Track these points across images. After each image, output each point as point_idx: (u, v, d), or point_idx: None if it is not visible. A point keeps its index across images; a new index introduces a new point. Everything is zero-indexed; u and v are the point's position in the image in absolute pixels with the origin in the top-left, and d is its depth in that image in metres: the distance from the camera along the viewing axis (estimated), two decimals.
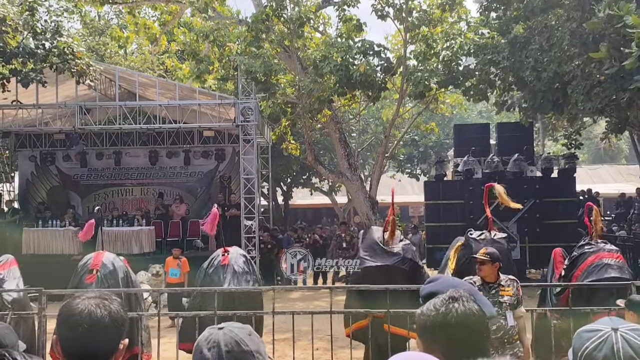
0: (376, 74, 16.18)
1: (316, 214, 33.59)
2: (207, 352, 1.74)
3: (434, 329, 1.96)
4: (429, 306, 2.03)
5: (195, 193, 21.16)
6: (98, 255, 7.62)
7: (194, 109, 17.69)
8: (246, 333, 1.80)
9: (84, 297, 1.96)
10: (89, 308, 1.91)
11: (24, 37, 15.07)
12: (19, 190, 21.76)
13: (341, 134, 18.16)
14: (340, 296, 12.90)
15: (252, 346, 1.76)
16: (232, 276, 7.40)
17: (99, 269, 7.31)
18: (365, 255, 7.21)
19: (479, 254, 5.47)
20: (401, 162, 32.52)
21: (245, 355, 1.74)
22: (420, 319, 2.04)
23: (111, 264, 7.53)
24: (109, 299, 1.98)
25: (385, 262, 7.02)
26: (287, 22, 16.16)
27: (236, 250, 8.00)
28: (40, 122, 18.15)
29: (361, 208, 18.29)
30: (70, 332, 1.90)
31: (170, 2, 18.67)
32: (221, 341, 1.75)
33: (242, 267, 7.56)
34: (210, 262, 7.73)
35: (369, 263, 7.11)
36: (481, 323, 2.01)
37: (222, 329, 1.80)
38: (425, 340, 2.00)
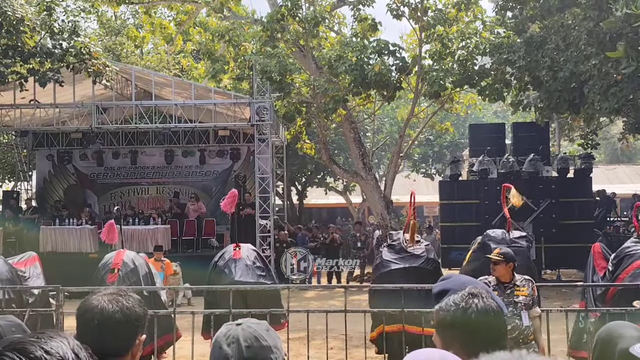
0: (391, 74, 16.15)
1: (331, 213, 33.59)
2: (227, 347, 1.76)
3: (454, 324, 1.99)
4: (448, 302, 2.05)
5: (211, 192, 21.24)
6: (119, 254, 7.69)
7: (209, 108, 17.77)
8: (264, 329, 1.82)
9: (100, 294, 2.01)
10: (102, 304, 1.96)
11: (42, 37, 15.21)
12: (37, 188, 21.97)
13: (356, 134, 18.15)
14: (355, 295, 12.91)
15: (270, 341, 1.79)
16: (242, 270, 7.47)
17: (120, 268, 7.39)
18: (391, 258, 7.29)
19: (493, 254, 5.48)
20: (416, 161, 32.47)
21: (264, 350, 1.76)
22: (439, 314, 2.06)
23: (132, 262, 7.61)
24: (124, 295, 2.02)
25: (412, 264, 7.12)
26: (302, 22, 16.17)
27: (248, 246, 8.08)
28: (58, 121, 18.31)
29: (376, 208, 18.27)
30: (84, 327, 1.95)
31: (186, 2, 18.76)
32: (240, 337, 1.77)
33: (253, 262, 7.63)
34: (221, 255, 7.80)
35: (395, 266, 7.19)
36: (499, 319, 2.04)
37: (240, 324, 1.82)
38: (444, 335, 2.02)
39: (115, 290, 2.05)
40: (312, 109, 17.94)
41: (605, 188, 22.91)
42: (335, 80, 15.84)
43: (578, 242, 15.72)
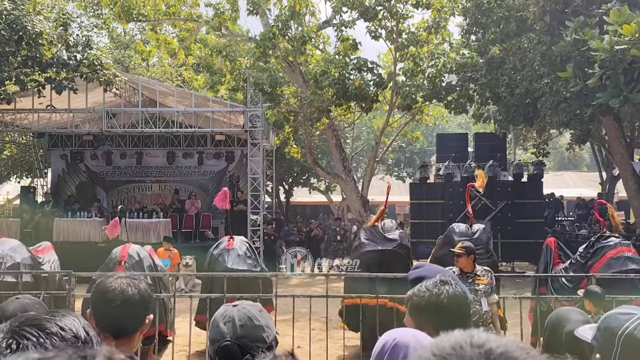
0: (369, 88, 16.18)
1: (314, 210, 33.56)
2: (223, 326, 1.75)
3: (428, 308, 1.99)
4: (420, 288, 2.05)
5: (207, 190, 21.13)
6: (125, 248, 7.64)
7: (207, 115, 17.68)
8: (257, 310, 1.82)
9: (116, 277, 1.99)
10: (121, 286, 1.93)
11: (58, 50, 15.05)
12: (52, 185, 21.72)
13: (337, 140, 18.17)
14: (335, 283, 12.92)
15: (263, 321, 1.78)
16: (235, 258, 7.54)
17: (127, 260, 7.34)
18: (367, 241, 7.33)
19: (457, 247, 5.52)
20: (390, 165, 32.55)
21: (257, 329, 1.75)
22: (413, 299, 2.06)
23: (137, 254, 7.57)
24: (138, 279, 2.01)
25: (386, 247, 7.17)
26: (292, 41, 16.15)
27: (240, 238, 8.12)
28: (71, 124, 18.12)
29: (354, 206, 18.30)
30: (104, 308, 1.92)
31: (188, 20, 18.66)
32: (235, 317, 1.76)
33: (245, 252, 7.70)
34: (217, 246, 7.83)
35: (371, 247, 7.23)
36: (466, 304, 2.06)
37: (236, 306, 1.82)
38: (417, 318, 2.02)
39: (129, 275, 2.04)
40: (299, 117, 17.94)
41: (554, 191, 23.14)
42: (319, 92, 15.84)
43: (530, 238, 15.88)
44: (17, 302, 2.43)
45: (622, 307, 1.93)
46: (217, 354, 1.71)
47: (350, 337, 7.46)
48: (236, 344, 1.69)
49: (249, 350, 1.67)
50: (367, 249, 7.31)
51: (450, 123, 32.44)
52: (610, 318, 1.84)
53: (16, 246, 7.38)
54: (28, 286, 6.47)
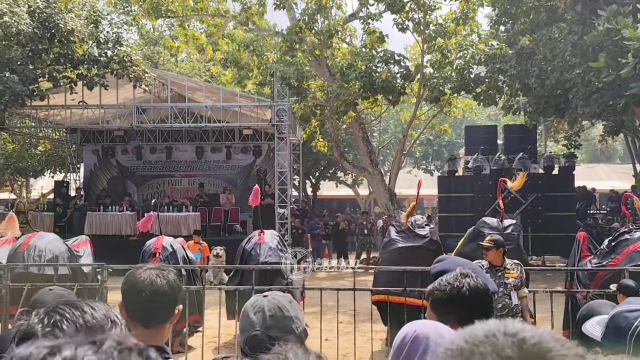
0: (396, 80, 16.07)
1: (341, 204, 33.52)
2: (253, 315, 1.76)
3: (449, 302, 1.98)
4: (441, 282, 2.04)
5: (235, 184, 21.29)
6: (158, 240, 7.78)
7: (235, 110, 17.80)
8: (287, 300, 1.82)
9: (145, 268, 2.02)
10: (151, 277, 1.96)
11: (89, 47, 15.31)
12: (84, 179, 22.14)
13: (364, 133, 18.11)
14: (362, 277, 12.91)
15: (292, 312, 1.79)
16: (267, 251, 7.59)
17: (161, 252, 7.47)
18: (398, 237, 7.30)
19: (485, 241, 5.46)
20: (417, 159, 32.35)
21: (286, 319, 1.76)
22: (434, 293, 2.05)
23: (170, 246, 7.71)
24: (167, 270, 2.03)
25: (417, 243, 7.12)
26: (318, 34, 16.13)
27: (270, 232, 8.20)
28: (103, 120, 18.42)
29: (381, 199, 18.24)
30: (134, 298, 1.94)
31: (216, 16, 18.77)
32: (265, 307, 1.77)
33: (277, 245, 7.75)
34: (248, 240, 7.90)
35: (401, 244, 7.19)
36: (488, 296, 2.03)
37: (266, 296, 1.83)
38: (439, 312, 2.01)
39: (158, 266, 2.06)
40: (325, 111, 17.93)
41: (585, 184, 22.69)
42: (346, 86, 15.79)
43: (561, 231, 15.59)
44: (52, 292, 2.49)
45: (628, 301, 1.88)
46: (246, 343, 1.73)
47: (378, 330, 7.46)
48: (265, 334, 1.70)
49: (278, 341, 1.68)
50: (397, 246, 7.27)
51: (479, 115, 32.09)
52: (618, 317, 1.80)
53: (53, 239, 7.61)
54: (65, 278, 6.64)
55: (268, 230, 8.30)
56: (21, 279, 6.21)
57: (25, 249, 7.32)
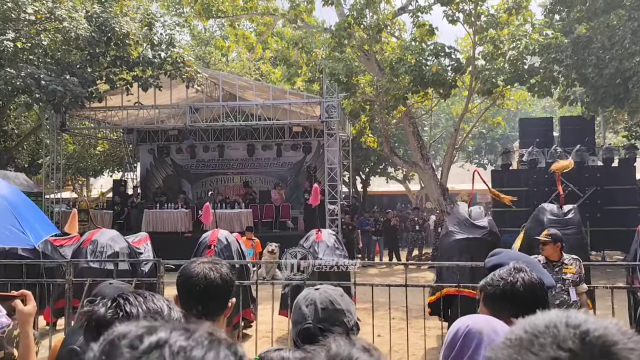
0: (447, 73, 15.82)
1: (391, 200, 33.33)
2: (305, 308, 1.78)
3: (503, 297, 1.93)
4: (494, 277, 2.00)
5: (286, 181, 21.48)
6: (214, 233, 7.97)
7: (285, 107, 17.95)
8: (338, 294, 1.83)
9: (199, 262, 2.06)
10: (204, 271, 2.00)
11: (144, 49, 15.74)
12: (140, 178, 22.81)
13: (414, 128, 17.91)
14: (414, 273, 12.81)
15: (344, 305, 1.79)
16: (325, 249, 7.69)
17: (216, 245, 7.65)
18: (455, 229, 7.20)
19: (542, 235, 5.32)
20: (470, 153, 31.80)
21: (337, 313, 1.76)
22: (486, 289, 2.01)
23: (225, 239, 7.89)
24: (220, 264, 2.07)
25: (475, 235, 7.01)
26: (367, 29, 16.06)
27: (327, 231, 8.33)
28: (157, 120, 18.93)
29: (433, 195, 18.01)
30: (188, 292, 1.99)
31: (265, 14, 18.95)
32: (317, 300, 1.78)
33: (333, 244, 7.86)
34: (306, 238, 8.03)
35: (460, 235, 7.10)
36: (543, 290, 1.98)
37: (318, 289, 1.84)
38: (492, 307, 1.97)
39: (211, 259, 2.11)
40: (375, 106, 17.82)
41: None
42: (396, 80, 15.66)
43: (622, 226, 15.01)
44: (111, 286, 2.59)
45: None
46: (298, 336, 1.74)
47: (431, 326, 7.38)
48: (317, 326, 1.71)
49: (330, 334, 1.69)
50: (455, 237, 7.15)
51: (534, 107, 31.19)
52: None
53: (115, 236, 7.98)
54: (125, 274, 6.90)
55: (325, 229, 8.47)
56: (84, 274, 6.49)
57: (88, 245, 7.67)
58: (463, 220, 7.33)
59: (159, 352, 0.70)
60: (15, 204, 3.02)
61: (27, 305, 2.13)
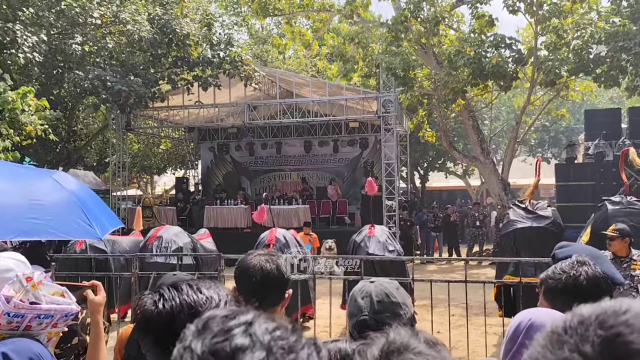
0: (508, 65, 15.41)
1: (450, 195, 32.78)
2: (361, 300, 1.78)
3: (565, 291, 1.87)
4: (555, 270, 1.93)
5: (343, 177, 21.49)
6: (272, 232, 8.11)
7: (341, 103, 17.95)
8: (394, 287, 1.82)
9: (255, 254, 2.11)
10: (260, 263, 2.04)
11: (203, 49, 16.10)
12: (202, 175, 23.37)
13: (474, 122, 17.55)
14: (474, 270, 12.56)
15: (400, 298, 1.78)
16: (376, 244, 7.66)
17: (275, 243, 7.77)
18: (517, 217, 7.01)
19: (609, 230, 5.10)
20: (532, 146, 30.90)
21: (393, 305, 1.76)
22: (547, 282, 1.95)
23: (283, 237, 8.02)
24: (275, 256, 2.11)
25: (539, 224, 6.81)
26: (424, 22, 15.84)
27: (381, 227, 8.31)
28: (217, 118, 19.32)
29: (494, 190, 17.60)
30: (246, 283, 2.04)
31: (321, 11, 19.01)
32: (372, 292, 1.78)
33: (386, 240, 7.80)
34: (359, 233, 8.03)
35: (521, 224, 6.91)
36: (607, 285, 1.90)
37: (373, 282, 1.84)
38: (552, 301, 1.91)
39: (267, 252, 2.14)
40: (433, 100, 17.58)
41: None
42: (454, 73, 15.38)
43: None
44: (174, 277, 2.67)
45: None
46: (355, 328, 1.75)
47: (492, 323, 7.22)
48: (373, 318, 1.71)
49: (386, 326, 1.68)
50: (516, 227, 6.93)
51: (600, 98, 29.93)
52: None
53: (179, 232, 8.27)
54: (188, 268, 7.11)
55: (379, 225, 8.44)
56: (149, 269, 6.73)
57: (153, 241, 7.95)
58: (525, 209, 7.12)
59: (248, 327, 0.79)
60: (84, 200, 3.17)
61: (98, 295, 2.24)
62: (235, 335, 0.77)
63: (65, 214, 2.98)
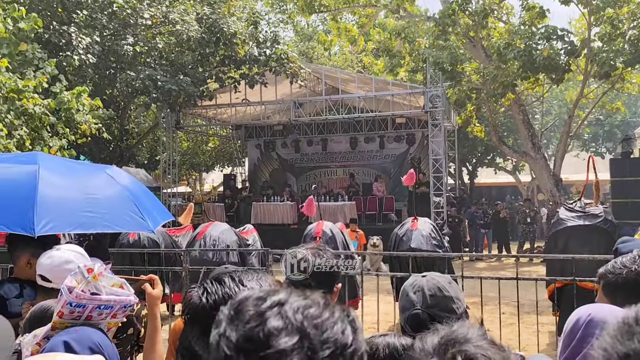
0: (559, 57, 14.95)
1: (500, 191, 32.10)
2: (413, 295, 1.76)
3: (626, 286, 1.80)
4: (615, 265, 1.85)
5: (389, 173, 21.34)
6: (319, 225, 8.13)
7: (387, 99, 17.83)
8: (447, 281, 1.79)
9: (304, 248, 2.11)
10: (307, 257, 2.05)
11: (250, 47, 16.29)
12: (249, 172, 23.66)
13: (525, 116, 17.12)
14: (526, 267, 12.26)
15: (452, 292, 1.75)
16: (419, 238, 7.53)
17: (321, 237, 7.79)
18: (568, 215, 6.81)
19: None
20: (586, 141, 29.97)
21: (446, 299, 1.73)
22: (607, 277, 1.87)
23: (330, 231, 8.02)
24: (323, 250, 2.10)
25: (590, 222, 6.61)
26: (472, 15, 15.55)
27: (425, 220, 8.13)
28: (264, 116, 19.53)
29: (545, 186, 17.13)
30: (295, 277, 2.04)
31: (367, 6, 18.90)
32: (425, 286, 1.76)
33: (429, 233, 7.65)
34: (401, 226, 7.92)
35: (572, 223, 6.71)
36: None
37: (425, 276, 1.81)
38: (612, 297, 1.83)
39: (315, 245, 2.14)
40: (481, 94, 17.24)
41: None
42: (504, 66, 15.04)
43: None
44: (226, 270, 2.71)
45: None
46: (407, 322, 1.73)
47: (545, 322, 7.05)
48: (426, 312, 1.69)
49: (439, 320, 1.66)
50: (567, 225, 6.74)
51: None
52: None
53: (226, 229, 8.41)
54: (235, 264, 7.22)
55: (423, 218, 8.23)
56: (198, 265, 6.86)
57: (202, 237, 8.11)
58: (575, 207, 6.91)
59: (280, 308, 0.80)
60: (136, 194, 3.26)
61: (155, 288, 2.30)
62: (269, 318, 0.79)
63: (119, 208, 3.07)
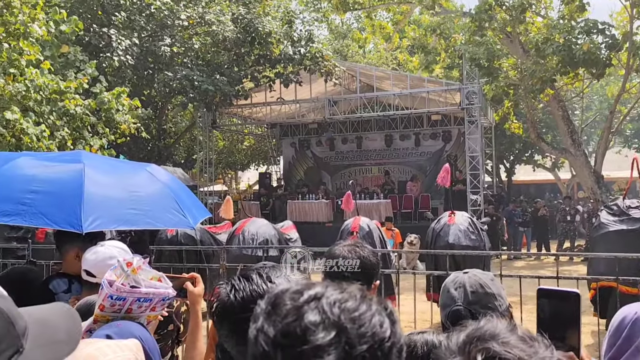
0: (600, 52, 14.57)
1: (539, 189, 31.46)
2: (454, 291, 1.75)
3: None
4: None
5: (425, 171, 21.15)
6: (356, 220, 8.17)
7: (423, 96, 17.68)
8: (489, 278, 1.77)
9: (342, 245, 2.12)
10: (343, 253, 2.06)
11: (285, 46, 16.38)
12: (284, 170, 23.79)
13: (564, 112, 16.74)
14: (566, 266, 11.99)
15: (495, 289, 1.74)
16: (456, 233, 7.46)
17: (358, 231, 7.82)
18: (609, 220, 6.66)
19: None
20: (628, 137, 29.13)
21: (488, 296, 1.72)
22: None
23: (367, 226, 8.05)
24: (360, 247, 2.11)
25: (632, 227, 6.45)
26: (509, 10, 15.28)
27: (462, 214, 8.06)
28: (298, 114, 19.62)
29: (586, 183, 16.72)
30: (332, 274, 2.04)
31: (402, 3, 18.77)
32: (466, 283, 1.75)
33: (467, 228, 7.57)
34: (438, 221, 7.87)
35: (613, 227, 6.57)
36: None
37: (466, 273, 1.80)
38: None
39: (353, 242, 2.15)
40: (519, 90, 16.94)
41: None
42: (542, 62, 14.74)
43: None
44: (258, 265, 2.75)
45: None
46: (447, 318, 1.72)
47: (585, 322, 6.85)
48: (467, 309, 1.68)
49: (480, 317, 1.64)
50: (609, 229, 6.59)
51: None
52: None
53: (265, 225, 8.52)
54: (274, 259, 7.29)
55: (460, 212, 8.14)
56: (236, 260, 6.94)
57: (240, 232, 8.21)
58: (618, 211, 6.73)
59: (317, 302, 0.81)
60: (176, 191, 3.33)
61: (197, 286, 2.34)
62: (306, 312, 0.79)
63: (161, 204, 3.14)
